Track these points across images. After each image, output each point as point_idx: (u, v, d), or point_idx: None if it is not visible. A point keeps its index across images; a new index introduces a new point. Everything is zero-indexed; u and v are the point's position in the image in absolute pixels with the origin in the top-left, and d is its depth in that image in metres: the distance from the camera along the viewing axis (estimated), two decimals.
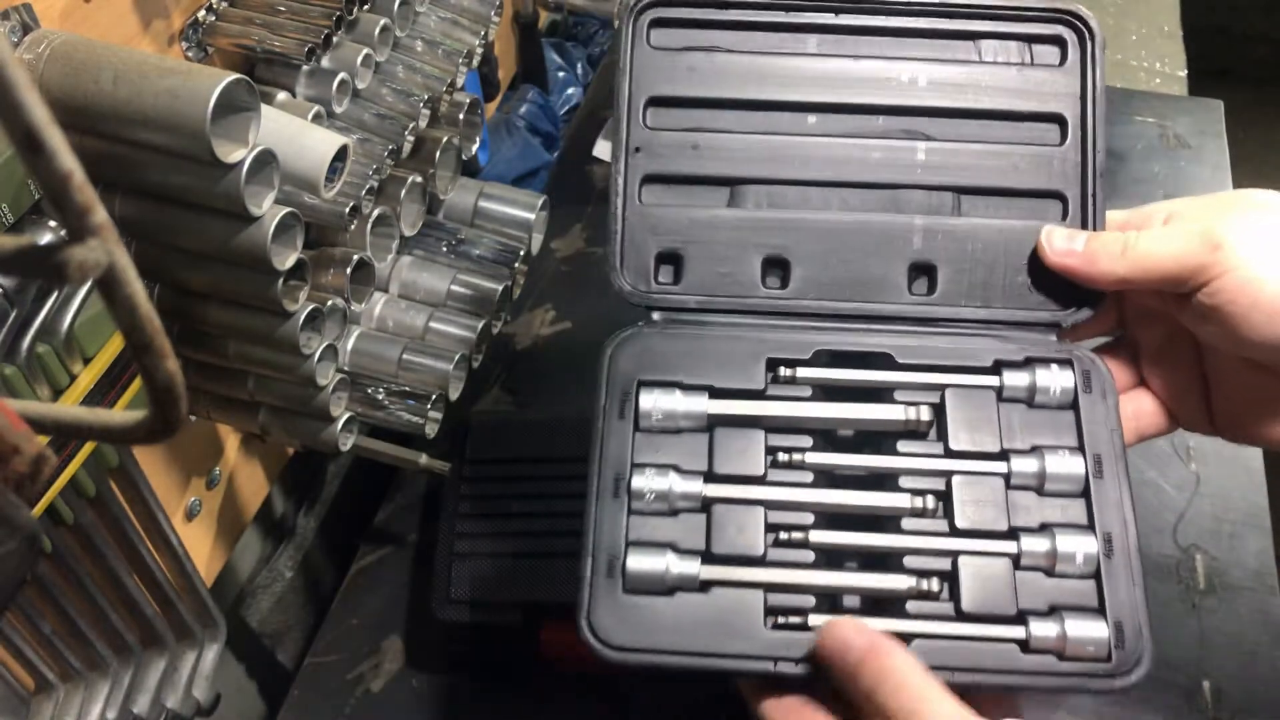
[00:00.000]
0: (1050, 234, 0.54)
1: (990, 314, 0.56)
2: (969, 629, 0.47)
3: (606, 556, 0.50)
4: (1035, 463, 0.51)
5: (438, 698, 0.76)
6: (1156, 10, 1.95)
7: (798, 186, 0.58)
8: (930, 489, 0.51)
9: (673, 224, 0.58)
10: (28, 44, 0.54)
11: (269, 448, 0.88)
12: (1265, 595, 0.79)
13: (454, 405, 0.81)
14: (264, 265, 0.59)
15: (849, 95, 0.58)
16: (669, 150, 0.58)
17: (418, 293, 0.82)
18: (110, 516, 0.66)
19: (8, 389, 0.53)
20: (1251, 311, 0.47)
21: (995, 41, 0.58)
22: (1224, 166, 1.15)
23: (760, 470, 0.52)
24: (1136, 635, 0.47)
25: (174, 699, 0.72)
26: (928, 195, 0.57)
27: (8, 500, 0.28)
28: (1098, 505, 0.49)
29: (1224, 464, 0.87)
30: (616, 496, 0.51)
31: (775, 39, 0.59)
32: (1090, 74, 0.57)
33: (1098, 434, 0.51)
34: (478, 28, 0.81)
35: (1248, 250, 0.47)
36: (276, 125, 0.59)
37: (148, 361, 0.27)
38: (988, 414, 0.52)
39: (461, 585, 0.72)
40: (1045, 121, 0.58)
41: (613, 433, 0.53)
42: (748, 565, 0.49)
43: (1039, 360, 0.53)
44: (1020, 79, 0.58)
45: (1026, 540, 0.49)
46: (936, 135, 0.58)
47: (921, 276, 0.57)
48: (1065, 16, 0.57)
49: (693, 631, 0.48)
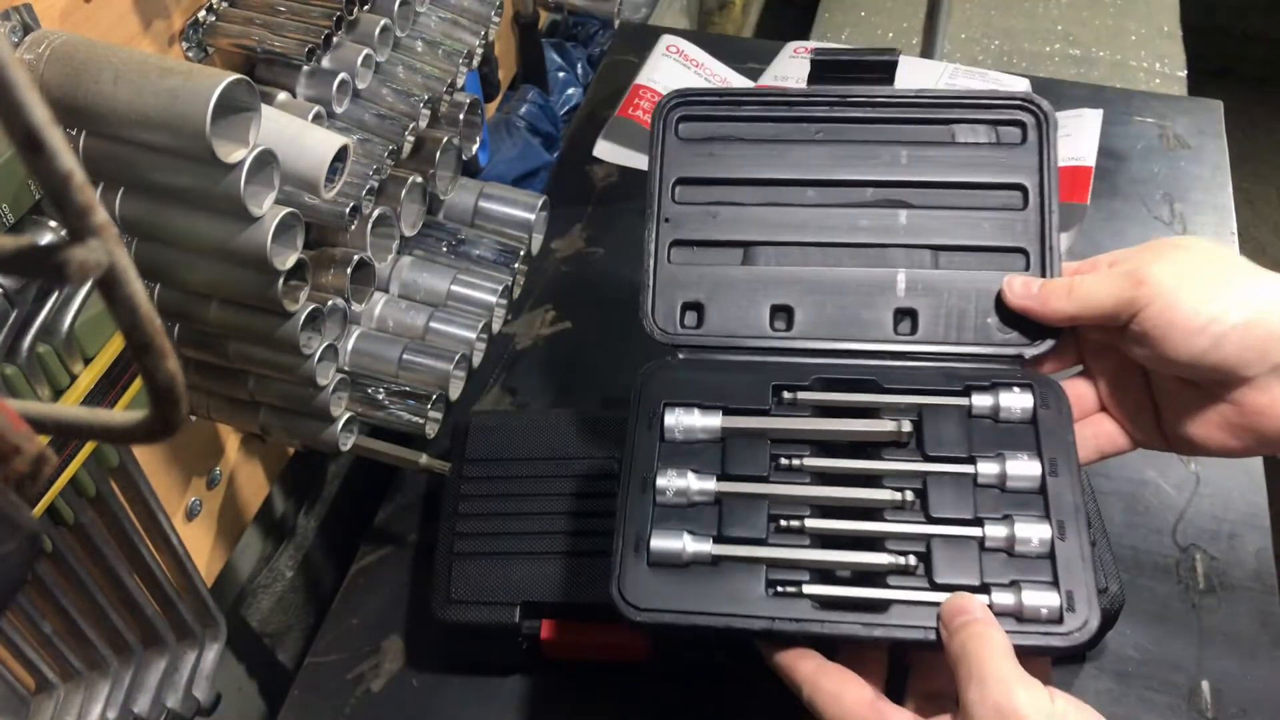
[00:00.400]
0: (1010, 281, 0.64)
1: (963, 349, 0.65)
2: (941, 596, 0.55)
3: (634, 538, 0.58)
4: (997, 466, 0.59)
5: (438, 698, 0.76)
6: (1156, 10, 1.95)
7: (800, 247, 0.68)
8: (909, 487, 0.59)
9: (696, 279, 0.68)
10: (28, 44, 0.54)
11: (269, 448, 0.88)
12: (1265, 595, 0.79)
13: (454, 405, 0.81)
14: (264, 265, 0.59)
15: (843, 172, 0.69)
16: (692, 219, 0.69)
17: (418, 293, 0.82)
18: (110, 516, 0.66)
19: (8, 389, 0.53)
20: (1171, 332, 0.56)
21: (967, 125, 0.68)
22: (1224, 166, 1.15)
23: (765, 472, 0.60)
24: (1085, 602, 0.54)
25: (174, 699, 0.72)
26: (909, 253, 0.67)
27: (8, 500, 0.28)
28: (1053, 499, 0.58)
29: (1223, 464, 0.87)
30: (644, 492, 0.60)
31: (782, 128, 0.69)
32: (1046, 150, 0.67)
33: (1054, 442, 0.60)
34: (478, 28, 0.81)
35: (1166, 284, 0.56)
36: (277, 125, 0.59)
37: (148, 361, 0.27)
38: (959, 428, 0.61)
39: (461, 585, 0.73)
40: (1010, 190, 0.67)
41: (641, 443, 0.61)
42: (752, 545, 0.58)
43: (1003, 384, 0.62)
44: (988, 156, 0.68)
45: (990, 527, 0.57)
46: (917, 203, 0.68)
47: (905, 319, 0.67)
48: (1025, 104, 0.67)
49: (704, 597, 0.57)
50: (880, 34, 1.91)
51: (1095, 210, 1.06)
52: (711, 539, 0.58)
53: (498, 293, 0.83)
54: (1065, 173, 1.02)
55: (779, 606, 0.56)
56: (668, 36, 1.19)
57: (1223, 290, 0.55)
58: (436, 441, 0.81)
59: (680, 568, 0.58)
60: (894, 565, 0.56)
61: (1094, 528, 0.72)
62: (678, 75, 1.16)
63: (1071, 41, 1.87)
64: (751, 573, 0.57)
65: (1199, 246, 0.58)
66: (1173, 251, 0.58)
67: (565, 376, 0.96)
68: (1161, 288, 0.56)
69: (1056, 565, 0.56)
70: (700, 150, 0.70)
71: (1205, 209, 1.10)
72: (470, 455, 0.79)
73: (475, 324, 0.81)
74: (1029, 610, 0.54)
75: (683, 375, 0.65)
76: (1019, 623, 0.54)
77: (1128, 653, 0.75)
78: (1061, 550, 0.56)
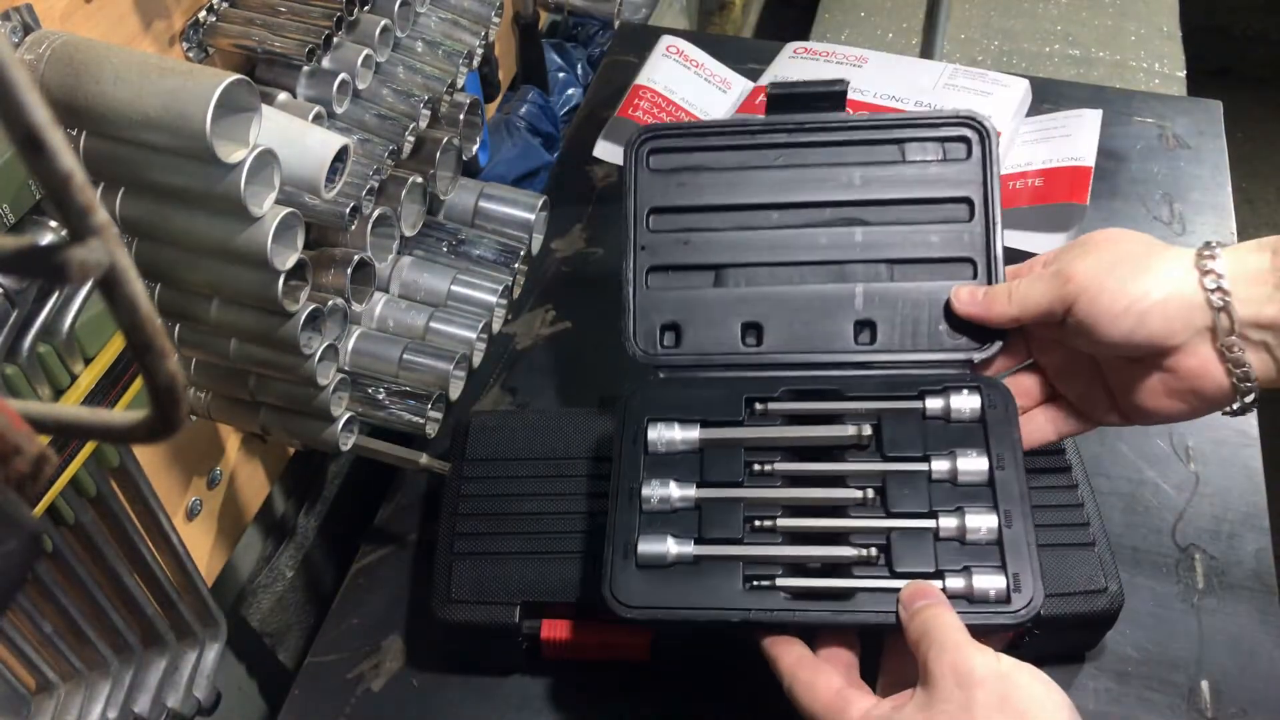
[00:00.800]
0: (957, 292, 0.70)
1: (918, 356, 0.71)
2: (900, 584, 0.60)
3: (623, 543, 0.63)
4: (949, 463, 0.65)
5: (438, 697, 0.76)
6: (1156, 10, 1.95)
7: (766, 267, 0.74)
8: (871, 485, 0.65)
9: (672, 302, 0.74)
10: (29, 44, 0.54)
11: (270, 447, 0.88)
12: (1264, 595, 0.79)
13: (454, 405, 0.81)
14: (264, 265, 0.59)
15: (802, 195, 0.74)
16: (667, 246, 0.74)
17: (418, 293, 0.82)
18: (111, 516, 0.66)
19: (9, 389, 0.53)
20: (1100, 319, 0.62)
21: (916, 144, 0.73)
22: (1223, 167, 1.15)
23: (739, 478, 0.66)
24: (1030, 584, 0.60)
25: (175, 698, 0.72)
26: (867, 268, 0.73)
27: (9, 499, 0.28)
28: (1000, 491, 0.63)
29: (1223, 464, 0.87)
30: (631, 501, 0.65)
31: (745, 156, 0.75)
32: (989, 163, 0.72)
33: (1001, 440, 0.66)
34: (478, 28, 0.81)
35: (1090, 276, 0.62)
36: (277, 125, 0.59)
37: (148, 361, 0.27)
38: (914, 430, 0.67)
39: (461, 585, 0.73)
40: (957, 203, 0.73)
41: (627, 456, 0.67)
42: (729, 544, 0.64)
43: (953, 388, 0.68)
44: (936, 172, 0.73)
45: (943, 518, 0.63)
46: (872, 220, 0.73)
47: (865, 330, 0.72)
48: (969, 121, 0.73)
49: (687, 593, 0.62)
50: (880, 34, 1.91)
51: (1095, 211, 1.06)
52: (693, 541, 0.64)
53: (498, 293, 0.83)
54: (1064, 173, 1.02)
55: (756, 599, 0.62)
56: (667, 37, 1.19)
57: (1140, 274, 0.61)
58: (436, 441, 0.81)
59: (665, 568, 0.63)
60: (858, 557, 0.62)
61: (1093, 527, 0.72)
62: (678, 76, 1.16)
63: (1071, 42, 1.87)
64: (730, 569, 0.63)
65: (1119, 237, 0.64)
66: (1095, 246, 0.64)
67: (565, 376, 0.97)
68: (1087, 281, 0.62)
69: (1004, 551, 0.62)
70: (670, 181, 0.75)
71: (1205, 209, 1.10)
72: (471, 455, 0.80)
73: (475, 324, 0.81)
74: (979, 592, 0.60)
75: (663, 393, 0.71)
76: (970, 604, 0.60)
77: (1127, 652, 0.75)
78: (1008, 536, 0.62)
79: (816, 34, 1.93)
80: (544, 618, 0.73)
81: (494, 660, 0.76)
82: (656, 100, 1.12)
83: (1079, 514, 0.73)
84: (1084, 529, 0.72)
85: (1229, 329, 0.59)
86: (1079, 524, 0.72)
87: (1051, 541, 0.70)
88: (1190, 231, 1.07)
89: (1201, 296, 0.60)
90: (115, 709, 0.68)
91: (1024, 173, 1.03)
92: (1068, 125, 1.08)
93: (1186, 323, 0.61)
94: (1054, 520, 0.72)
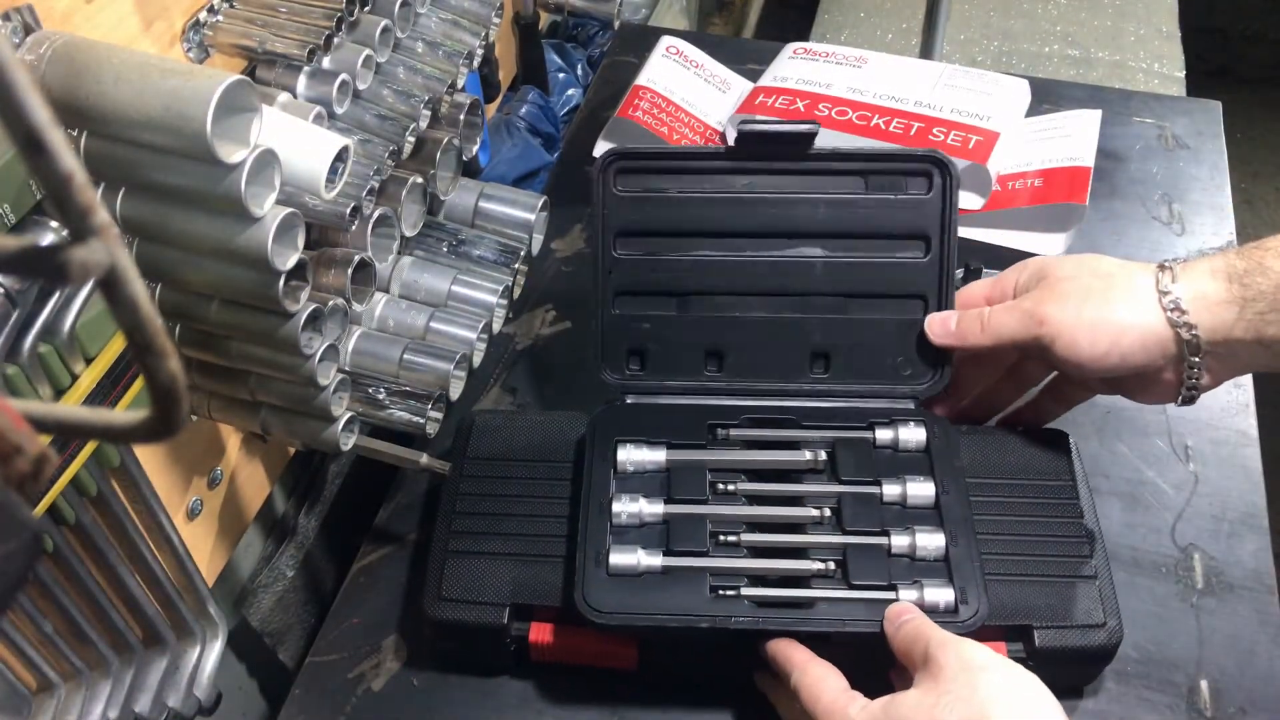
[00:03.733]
0: (930, 322, 0.75)
1: (868, 388, 0.76)
2: (855, 594, 0.66)
3: (595, 554, 0.67)
4: (899, 487, 0.70)
5: (439, 697, 0.76)
6: (1155, 10, 1.95)
7: (728, 296, 0.77)
8: (827, 505, 0.69)
9: (639, 327, 0.77)
10: (29, 45, 0.54)
11: (270, 447, 0.88)
12: (1263, 595, 0.79)
13: (454, 405, 0.81)
14: (265, 265, 0.59)
15: (766, 224, 0.76)
16: (633, 269, 0.77)
17: (419, 293, 0.82)
18: (112, 516, 0.66)
19: (10, 389, 0.53)
20: (1081, 361, 0.67)
21: (879, 177, 0.76)
22: (1222, 167, 1.15)
23: (705, 496, 0.70)
24: (976, 595, 0.65)
25: (175, 698, 0.72)
26: (825, 299, 0.76)
27: (10, 499, 0.28)
28: (946, 513, 0.69)
29: (1222, 464, 0.87)
30: (601, 514, 0.69)
31: (711, 182, 0.76)
32: (948, 199, 0.75)
33: (945, 467, 0.71)
34: (478, 29, 0.81)
35: (1064, 323, 0.67)
36: (278, 126, 0.59)
37: (149, 361, 0.27)
38: (865, 457, 0.72)
39: (453, 584, 0.72)
40: (914, 239, 0.76)
41: (598, 474, 0.71)
42: (696, 556, 0.68)
43: (900, 420, 0.74)
44: (897, 205, 0.76)
45: (895, 537, 0.68)
46: (832, 252, 0.76)
47: (820, 360, 0.77)
48: (931, 157, 0.75)
49: (657, 601, 0.66)
50: (879, 35, 1.91)
51: (1094, 211, 1.06)
52: (662, 553, 0.67)
53: (498, 293, 0.83)
54: (1064, 173, 1.02)
55: (721, 607, 0.66)
56: (667, 38, 1.19)
57: (1110, 311, 0.67)
58: (437, 441, 0.81)
59: (635, 578, 0.67)
60: (817, 570, 0.67)
61: (1096, 560, 0.71)
62: (678, 76, 1.16)
63: (1070, 42, 1.87)
64: (697, 580, 0.67)
65: (1080, 271, 0.69)
66: (1060, 286, 0.69)
67: (565, 376, 0.97)
68: (1061, 327, 0.67)
69: (951, 566, 0.66)
70: (637, 204, 0.76)
71: (1204, 209, 1.10)
72: (472, 454, 0.79)
73: (476, 324, 0.81)
74: (929, 604, 0.65)
75: (631, 416, 0.75)
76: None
77: (1127, 652, 0.75)
78: (955, 554, 0.67)
79: (816, 34, 1.93)
80: (533, 620, 0.72)
81: (483, 661, 0.76)
82: (656, 101, 1.12)
83: (1082, 547, 0.71)
84: (1086, 562, 0.70)
85: (1196, 351, 0.66)
86: (1081, 557, 0.71)
87: (1052, 574, 0.70)
88: (1190, 232, 1.08)
89: (1171, 333, 0.66)
90: (116, 709, 0.68)
91: (1023, 173, 1.03)
92: (1067, 125, 1.08)
93: (1163, 350, 0.67)
94: (1056, 552, 0.71)
